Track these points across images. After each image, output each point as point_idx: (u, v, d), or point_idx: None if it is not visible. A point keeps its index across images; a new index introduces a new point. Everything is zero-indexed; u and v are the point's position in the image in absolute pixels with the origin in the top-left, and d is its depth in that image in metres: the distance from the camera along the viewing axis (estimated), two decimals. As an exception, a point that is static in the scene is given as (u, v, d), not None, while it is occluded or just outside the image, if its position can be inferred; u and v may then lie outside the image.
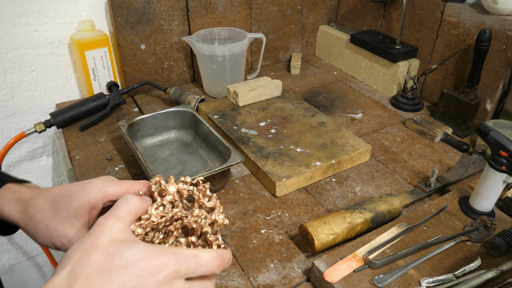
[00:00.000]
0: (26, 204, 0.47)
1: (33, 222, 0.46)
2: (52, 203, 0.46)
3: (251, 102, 0.92)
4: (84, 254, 0.33)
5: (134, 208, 0.38)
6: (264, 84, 0.93)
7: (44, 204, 0.46)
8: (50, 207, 0.46)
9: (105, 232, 0.35)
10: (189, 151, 0.82)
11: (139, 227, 0.38)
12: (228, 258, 0.39)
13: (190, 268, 0.35)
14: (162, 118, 0.82)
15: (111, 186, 0.46)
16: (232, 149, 0.71)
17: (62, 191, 0.47)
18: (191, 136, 0.84)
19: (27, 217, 0.47)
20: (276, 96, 0.95)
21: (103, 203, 0.46)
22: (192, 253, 0.36)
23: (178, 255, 0.35)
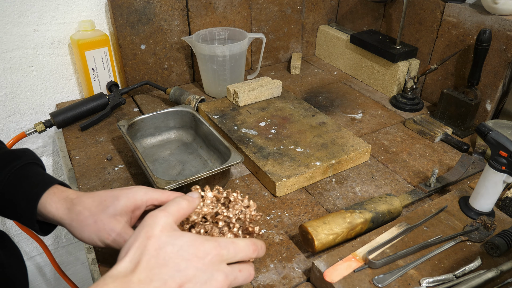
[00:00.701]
0: (73, 202, 0.52)
1: (80, 218, 0.51)
2: (99, 202, 0.51)
3: (251, 102, 0.92)
4: (141, 243, 0.39)
5: (182, 209, 0.44)
6: (264, 84, 0.94)
7: (91, 203, 0.51)
8: (97, 205, 0.51)
9: (157, 223, 0.41)
10: (189, 151, 0.82)
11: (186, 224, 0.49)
12: (261, 245, 0.46)
13: (230, 253, 0.42)
14: (162, 118, 0.82)
15: (155, 192, 0.53)
16: (232, 149, 0.71)
17: (108, 193, 0.52)
18: (191, 136, 0.84)
19: (75, 213, 0.51)
20: (276, 96, 0.95)
21: (146, 205, 0.53)
22: (231, 241, 0.43)
23: (219, 241, 0.42)
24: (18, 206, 0.52)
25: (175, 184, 0.62)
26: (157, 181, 0.63)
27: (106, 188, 0.72)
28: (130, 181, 0.74)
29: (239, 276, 0.43)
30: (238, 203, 0.54)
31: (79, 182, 0.74)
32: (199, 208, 0.50)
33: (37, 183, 0.53)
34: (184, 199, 0.45)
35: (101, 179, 0.75)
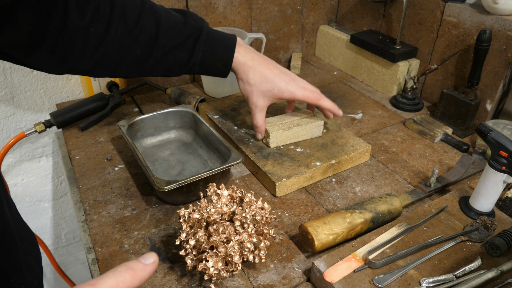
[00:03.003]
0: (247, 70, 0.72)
1: (247, 82, 0.73)
2: (263, 82, 0.72)
3: (285, 144, 0.79)
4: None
5: (122, 283, 0.31)
6: (302, 123, 0.79)
7: (258, 79, 0.72)
8: (260, 84, 0.72)
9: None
10: (189, 151, 0.82)
11: None
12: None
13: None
14: (162, 118, 0.82)
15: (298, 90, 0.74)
16: (232, 149, 0.71)
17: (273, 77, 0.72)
18: (191, 136, 0.84)
19: (245, 76, 0.72)
20: (316, 137, 0.82)
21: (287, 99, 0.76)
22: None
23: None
24: (215, 66, 0.71)
25: (175, 184, 0.62)
26: (157, 181, 0.63)
27: (106, 188, 0.72)
28: (130, 181, 0.74)
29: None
30: (253, 204, 0.55)
31: (79, 182, 0.74)
32: (219, 207, 0.52)
33: (225, 45, 0.70)
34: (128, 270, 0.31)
35: (101, 179, 0.75)
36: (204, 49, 0.68)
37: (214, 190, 0.56)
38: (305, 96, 0.75)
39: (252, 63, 0.72)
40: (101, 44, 0.61)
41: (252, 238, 0.53)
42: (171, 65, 0.68)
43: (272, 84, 0.72)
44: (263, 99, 0.73)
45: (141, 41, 0.64)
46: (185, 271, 0.57)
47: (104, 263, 0.59)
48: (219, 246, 0.52)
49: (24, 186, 1.09)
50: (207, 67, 0.71)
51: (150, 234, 0.63)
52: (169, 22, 0.66)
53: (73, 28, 0.58)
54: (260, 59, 0.73)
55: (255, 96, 0.73)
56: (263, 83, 0.72)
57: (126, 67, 0.66)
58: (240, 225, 0.54)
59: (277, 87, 0.73)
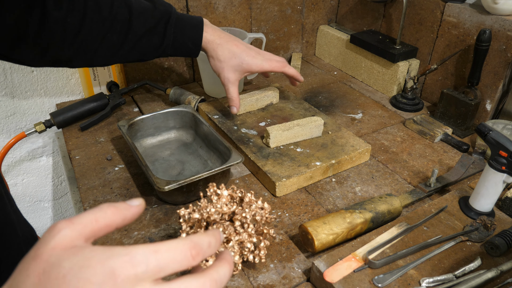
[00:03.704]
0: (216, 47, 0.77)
1: (217, 59, 0.77)
2: (232, 57, 0.77)
3: (285, 144, 0.80)
4: (24, 266, 0.28)
5: (102, 218, 0.30)
6: (302, 123, 0.80)
7: (227, 55, 0.77)
8: (230, 59, 0.77)
9: (50, 239, 0.28)
10: (189, 151, 0.82)
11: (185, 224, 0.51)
12: (207, 243, 0.31)
13: (152, 268, 0.27)
14: (162, 118, 0.82)
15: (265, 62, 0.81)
16: (232, 149, 0.71)
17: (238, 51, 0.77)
18: (191, 136, 0.84)
19: (215, 53, 0.77)
20: (316, 137, 0.82)
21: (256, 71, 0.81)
22: (152, 250, 0.28)
23: (133, 254, 0.27)
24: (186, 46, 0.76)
25: (175, 184, 0.62)
26: (157, 181, 0.63)
27: (106, 188, 0.72)
28: (130, 181, 0.74)
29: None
30: (253, 204, 0.55)
31: (79, 182, 0.74)
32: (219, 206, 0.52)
33: (194, 26, 0.75)
34: (110, 206, 0.30)
35: (101, 179, 0.75)
36: (175, 31, 0.73)
37: (214, 190, 0.56)
38: (272, 66, 0.81)
39: (220, 40, 0.77)
40: (78, 34, 0.64)
41: (252, 238, 0.53)
42: (145, 49, 0.73)
43: (241, 59, 0.78)
44: (233, 73, 0.79)
45: (115, 28, 0.67)
46: (185, 271, 0.57)
47: (104, 263, 0.59)
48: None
49: (24, 186, 1.09)
50: (179, 48, 0.76)
51: (150, 234, 0.63)
52: (140, 8, 0.70)
53: (52, 19, 0.60)
54: (226, 37, 0.78)
55: (226, 71, 0.78)
56: (232, 59, 0.77)
57: (104, 55, 0.69)
58: (240, 225, 0.54)
59: (245, 61, 0.78)
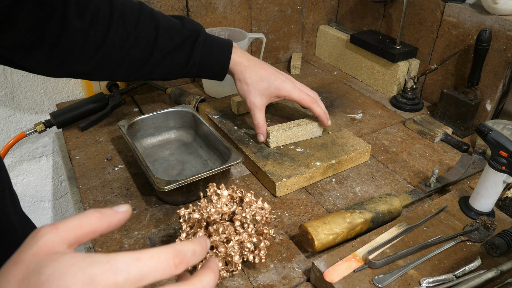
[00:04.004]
0: (243, 70, 0.74)
1: (244, 82, 0.74)
2: (258, 80, 0.74)
3: (285, 144, 0.80)
4: (5, 271, 0.27)
5: (87, 225, 0.29)
6: (301, 123, 0.80)
7: (255, 78, 0.74)
8: (257, 83, 0.74)
9: (33, 244, 0.28)
10: (189, 151, 0.82)
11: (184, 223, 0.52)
12: (191, 251, 0.30)
13: (134, 276, 0.26)
14: (162, 118, 0.82)
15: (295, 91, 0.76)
16: (232, 149, 0.71)
17: (269, 76, 0.75)
18: (191, 136, 0.84)
19: (242, 76, 0.74)
20: (316, 137, 0.82)
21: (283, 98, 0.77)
22: (135, 258, 0.27)
23: (114, 262, 0.26)
24: (212, 67, 0.73)
25: (175, 184, 0.62)
26: (157, 181, 0.63)
27: (106, 188, 0.72)
28: (130, 181, 0.74)
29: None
30: (253, 204, 0.56)
31: (79, 182, 0.74)
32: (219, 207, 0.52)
33: (222, 47, 0.73)
34: (95, 212, 0.29)
35: (101, 179, 0.75)
36: (202, 51, 0.70)
37: (214, 190, 0.56)
38: (301, 97, 0.76)
39: (248, 63, 0.74)
40: (101, 47, 0.62)
41: (252, 238, 0.53)
42: (170, 67, 0.70)
43: (269, 83, 0.74)
44: (260, 98, 0.75)
45: (140, 44, 0.65)
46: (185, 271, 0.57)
47: (104, 263, 0.59)
48: (219, 246, 0.52)
49: (24, 186, 1.09)
50: (205, 69, 0.73)
51: (150, 234, 0.64)
52: (168, 25, 0.67)
53: (72, 30, 0.58)
54: (255, 60, 0.75)
55: (252, 95, 0.74)
56: (260, 82, 0.74)
57: (126, 70, 0.67)
58: (240, 225, 0.54)
59: (273, 85, 0.74)
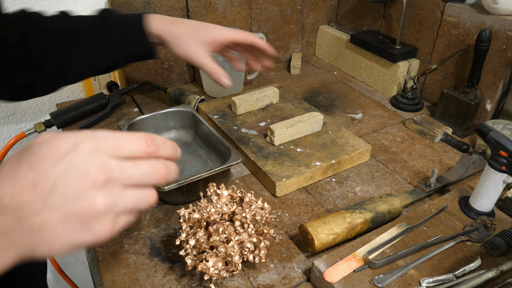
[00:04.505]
0: (172, 24, 0.67)
1: (177, 40, 0.66)
2: (193, 30, 0.67)
3: (288, 141, 0.81)
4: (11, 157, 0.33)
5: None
6: (303, 119, 0.81)
7: (187, 29, 0.67)
8: (192, 32, 0.67)
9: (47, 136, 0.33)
10: (189, 151, 0.82)
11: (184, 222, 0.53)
12: (162, 141, 0.35)
13: (110, 144, 0.32)
14: (162, 118, 0.82)
15: (234, 32, 0.70)
16: (232, 149, 0.71)
17: (199, 23, 0.68)
18: (191, 136, 0.84)
19: (173, 34, 0.66)
20: (316, 131, 0.84)
21: (226, 41, 0.70)
22: (113, 133, 0.33)
23: (95, 132, 0.33)
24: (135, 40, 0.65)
25: (175, 184, 0.62)
26: None
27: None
28: (130, 181, 0.74)
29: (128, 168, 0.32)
30: (253, 204, 0.56)
31: (79, 182, 0.74)
32: (219, 207, 0.52)
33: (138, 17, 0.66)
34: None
35: (101, 179, 0.74)
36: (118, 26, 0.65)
37: (214, 190, 0.56)
38: (240, 34, 0.71)
39: (173, 21, 0.68)
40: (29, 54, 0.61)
41: (252, 238, 0.53)
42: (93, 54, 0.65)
43: (204, 30, 0.69)
44: (203, 46, 0.68)
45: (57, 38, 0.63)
46: (185, 271, 0.57)
47: (104, 263, 0.59)
48: (219, 246, 0.52)
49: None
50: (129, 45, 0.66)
51: (150, 234, 0.64)
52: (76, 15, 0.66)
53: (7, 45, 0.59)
54: (178, 18, 0.70)
55: (192, 47, 0.67)
56: (195, 32, 0.68)
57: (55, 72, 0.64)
58: (240, 225, 0.54)
59: (210, 31, 0.69)
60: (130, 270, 0.58)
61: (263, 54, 0.75)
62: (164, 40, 0.67)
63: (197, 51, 0.67)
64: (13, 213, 0.30)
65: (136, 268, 0.58)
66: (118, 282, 0.56)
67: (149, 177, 0.33)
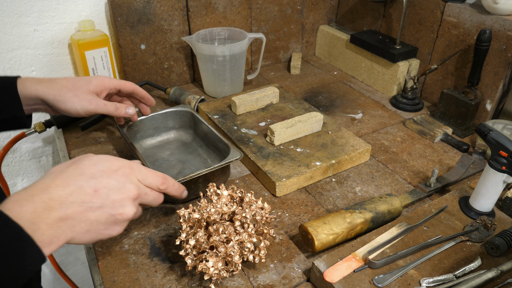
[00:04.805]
0: (50, 82, 0.63)
1: (62, 93, 0.63)
2: (74, 82, 0.65)
3: (288, 141, 0.81)
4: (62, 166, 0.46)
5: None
6: (303, 119, 0.81)
7: (67, 82, 0.65)
8: (73, 84, 0.65)
9: None
10: (188, 150, 0.82)
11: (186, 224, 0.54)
12: (172, 183, 0.53)
13: (141, 174, 0.49)
14: (161, 118, 0.82)
15: (116, 81, 0.71)
16: (231, 146, 0.71)
17: (78, 77, 0.67)
18: (190, 136, 0.84)
19: (56, 89, 0.63)
20: (316, 132, 0.84)
21: (110, 89, 0.70)
22: (142, 166, 0.51)
23: (131, 162, 0.50)
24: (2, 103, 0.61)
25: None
26: None
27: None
28: (130, 181, 0.74)
29: (148, 193, 0.50)
30: (253, 204, 0.56)
31: (79, 182, 0.74)
32: (219, 206, 0.53)
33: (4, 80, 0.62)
34: None
35: (101, 179, 0.74)
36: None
37: (214, 190, 0.56)
38: (122, 82, 0.72)
39: (49, 79, 0.64)
40: None
41: (252, 238, 0.53)
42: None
43: (87, 80, 0.67)
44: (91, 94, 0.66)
45: None
46: (185, 271, 0.57)
47: (104, 263, 0.59)
48: (219, 246, 0.52)
49: (24, 186, 1.09)
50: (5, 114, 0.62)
51: (150, 234, 0.63)
52: None
53: None
54: (52, 78, 0.66)
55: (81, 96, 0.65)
56: (78, 83, 0.66)
57: None
58: (240, 225, 0.54)
59: (93, 79, 0.67)
60: (130, 270, 0.58)
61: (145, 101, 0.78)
62: (45, 99, 0.63)
63: (88, 97, 0.66)
64: (79, 206, 0.42)
65: (136, 268, 0.58)
66: (118, 282, 0.56)
67: (154, 201, 0.52)
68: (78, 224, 0.42)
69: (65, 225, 0.41)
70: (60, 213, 0.41)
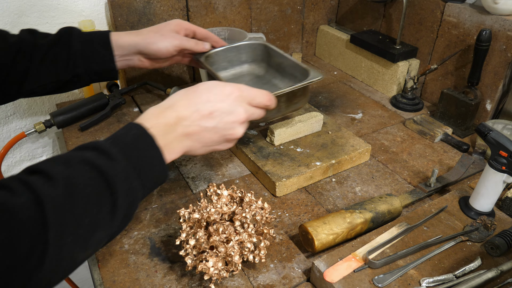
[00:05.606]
0: (137, 32, 0.73)
1: (150, 36, 0.72)
2: (156, 27, 0.75)
3: (288, 141, 0.80)
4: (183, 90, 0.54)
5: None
6: (303, 119, 0.81)
7: (151, 28, 0.74)
8: (156, 28, 0.74)
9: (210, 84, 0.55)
10: (263, 81, 0.83)
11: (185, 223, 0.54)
12: (275, 101, 0.61)
13: (249, 96, 0.56)
14: (234, 51, 0.84)
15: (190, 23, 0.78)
16: (310, 69, 0.72)
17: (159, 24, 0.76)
18: (263, 69, 0.86)
19: (143, 36, 0.72)
20: (316, 131, 0.84)
21: (186, 29, 0.77)
22: (251, 88, 0.57)
23: (240, 86, 0.56)
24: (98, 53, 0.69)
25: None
26: None
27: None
28: (130, 181, 0.74)
29: (255, 112, 0.57)
30: (253, 204, 0.56)
31: (79, 182, 0.74)
32: (219, 206, 0.53)
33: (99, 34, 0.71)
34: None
35: (101, 179, 0.74)
36: (80, 41, 0.69)
37: (214, 190, 0.56)
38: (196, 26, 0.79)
39: (132, 31, 0.74)
40: None
41: (252, 238, 0.53)
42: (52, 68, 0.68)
43: (167, 23, 0.75)
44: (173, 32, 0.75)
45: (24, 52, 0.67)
46: (185, 271, 0.57)
47: (104, 263, 0.59)
48: (219, 246, 0.52)
49: (24, 186, 1.09)
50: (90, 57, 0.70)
51: (150, 234, 0.64)
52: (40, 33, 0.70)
53: None
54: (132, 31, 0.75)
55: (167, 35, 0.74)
56: (161, 27, 0.75)
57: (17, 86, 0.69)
58: (240, 225, 0.54)
59: (172, 21, 0.76)
60: (130, 270, 0.58)
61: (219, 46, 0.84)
62: (138, 45, 0.72)
63: (173, 34, 0.74)
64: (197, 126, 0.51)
65: (136, 268, 0.58)
66: (118, 282, 0.56)
67: (258, 117, 0.58)
68: (197, 140, 0.51)
69: (186, 140, 0.50)
70: (184, 130, 0.50)
